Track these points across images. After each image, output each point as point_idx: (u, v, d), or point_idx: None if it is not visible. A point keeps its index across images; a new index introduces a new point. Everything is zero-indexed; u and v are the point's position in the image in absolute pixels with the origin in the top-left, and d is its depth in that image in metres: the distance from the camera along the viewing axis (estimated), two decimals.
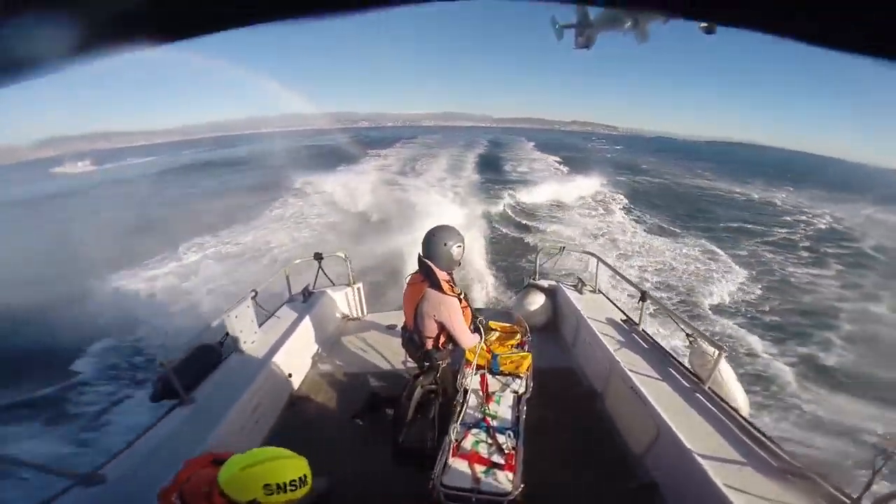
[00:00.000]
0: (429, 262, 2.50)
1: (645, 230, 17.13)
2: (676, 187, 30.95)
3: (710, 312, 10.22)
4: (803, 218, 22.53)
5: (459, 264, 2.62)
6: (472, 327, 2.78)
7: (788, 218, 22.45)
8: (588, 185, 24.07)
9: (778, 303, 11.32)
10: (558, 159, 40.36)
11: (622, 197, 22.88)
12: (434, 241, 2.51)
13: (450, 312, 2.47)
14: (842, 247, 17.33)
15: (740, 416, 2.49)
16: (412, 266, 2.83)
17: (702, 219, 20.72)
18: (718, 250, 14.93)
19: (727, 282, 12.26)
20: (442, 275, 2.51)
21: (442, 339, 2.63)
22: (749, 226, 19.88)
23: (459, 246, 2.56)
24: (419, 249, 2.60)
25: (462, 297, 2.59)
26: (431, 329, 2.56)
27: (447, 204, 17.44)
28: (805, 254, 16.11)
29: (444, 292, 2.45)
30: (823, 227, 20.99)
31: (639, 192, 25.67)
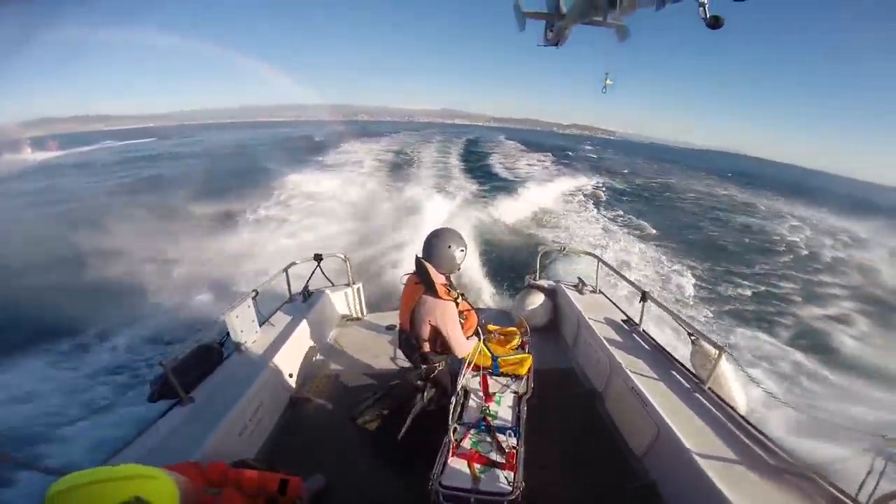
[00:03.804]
0: (427, 264, 2.47)
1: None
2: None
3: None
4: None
5: (459, 269, 2.59)
6: (473, 331, 2.77)
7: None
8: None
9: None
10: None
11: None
12: (437, 243, 2.48)
13: (445, 318, 2.44)
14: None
15: (740, 416, 2.49)
16: (408, 264, 2.82)
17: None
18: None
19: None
20: (439, 278, 2.47)
21: (438, 344, 2.61)
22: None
23: (462, 250, 2.54)
24: (416, 249, 2.57)
25: (459, 299, 2.56)
26: (427, 333, 2.54)
27: (441, 202, 17.45)
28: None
29: (441, 296, 2.42)
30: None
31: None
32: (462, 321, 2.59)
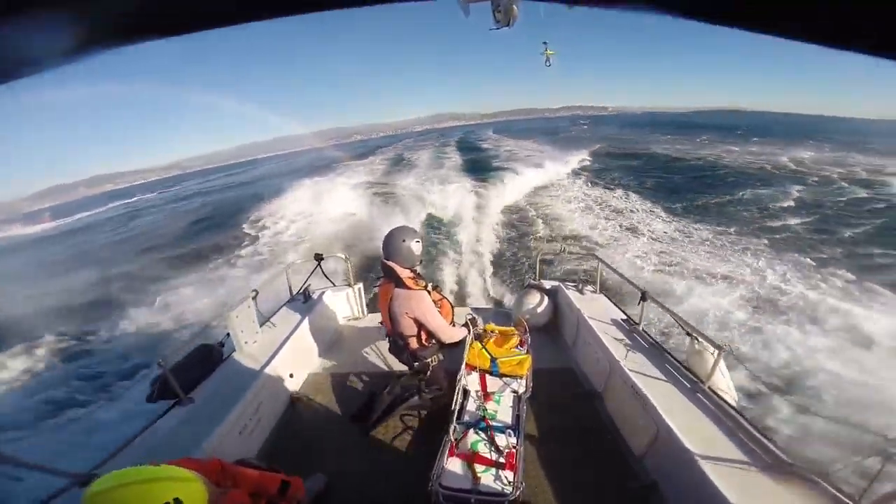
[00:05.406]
0: (390, 263, 2.60)
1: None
2: None
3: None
4: None
5: (421, 261, 2.73)
6: (452, 321, 2.85)
7: None
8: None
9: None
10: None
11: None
12: (393, 241, 2.62)
13: (421, 306, 2.54)
14: None
15: (741, 416, 2.48)
16: None
17: None
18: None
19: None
20: (404, 272, 2.60)
21: (423, 336, 2.68)
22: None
23: (417, 241, 2.67)
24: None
25: (430, 289, 2.67)
26: (409, 327, 2.61)
27: (440, 205, 17.50)
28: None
29: (410, 287, 2.54)
30: None
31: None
32: (438, 309, 2.68)
